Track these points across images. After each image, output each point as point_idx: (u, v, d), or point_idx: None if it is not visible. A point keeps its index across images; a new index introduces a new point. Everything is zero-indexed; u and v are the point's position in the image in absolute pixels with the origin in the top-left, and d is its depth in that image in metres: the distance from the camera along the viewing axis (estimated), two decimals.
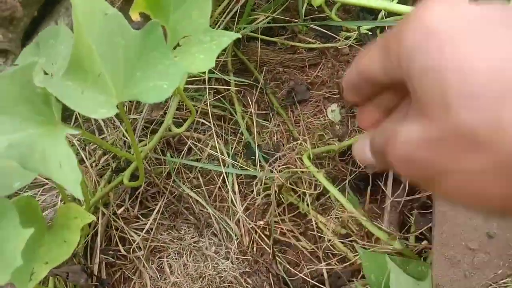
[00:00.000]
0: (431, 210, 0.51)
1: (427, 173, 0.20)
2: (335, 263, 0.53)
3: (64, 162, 0.32)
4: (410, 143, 0.21)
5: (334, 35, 0.66)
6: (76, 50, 0.34)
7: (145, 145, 0.57)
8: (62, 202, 0.58)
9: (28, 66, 0.32)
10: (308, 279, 0.51)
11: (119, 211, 0.56)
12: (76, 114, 0.62)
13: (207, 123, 0.61)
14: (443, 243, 0.40)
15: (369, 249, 0.46)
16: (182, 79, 0.36)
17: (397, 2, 0.48)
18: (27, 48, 0.46)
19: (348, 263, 0.51)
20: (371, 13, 0.68)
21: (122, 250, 0.55)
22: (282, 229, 0.57)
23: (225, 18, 0.66)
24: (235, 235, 0.56)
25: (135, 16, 0.39)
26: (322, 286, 0.49)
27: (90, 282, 0.54)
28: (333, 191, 0.50)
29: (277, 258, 0.53)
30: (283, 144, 0.61)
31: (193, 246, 0.56)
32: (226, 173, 0.58)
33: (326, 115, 0.64)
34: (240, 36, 0.39)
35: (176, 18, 0.40)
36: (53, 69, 0.43)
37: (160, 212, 0.58)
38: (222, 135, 0.62)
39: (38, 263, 0.40)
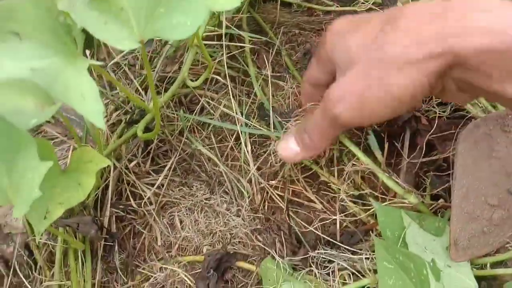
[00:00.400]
0: (447, 172, 0.50)
1: (361, 99, 0.35)
2: (347, 224, 0.53)
3: (87, 93, 0.32)
4: (345, 83, 0.36)
5: None
6: None
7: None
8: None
9: None
10: (320, 233, 0.50)
11: (130, 165, 0.56)
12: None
13: (221, 79, 0.60)
14: (463, 197, 0.40)
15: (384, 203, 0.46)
16: (206, 17, 0.35)
17: None
18: None
19: (357, 216, 0.51)
20: None
21: (134, 205, 0.55)
22: (294, 189, 0.56)
23: None
24: (247, 193, 0.55)
25: None
26: (336, 242, 0.49)
27: (100, 234, 0.53)
28: (349, 144, 0.50)
29: (290, 215, 0.53)
30: (297, 106, 0.61)
31: (205, 203, 0.56)
32: (239, 132, 0.58)
33: None
34: None
35: None
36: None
37: (172, 169, 0.58)
38: (236, 95, 0.61)
39: (52, 203, 0.39)
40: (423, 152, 0.52)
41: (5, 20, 0.30)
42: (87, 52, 0.58)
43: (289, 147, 0.45)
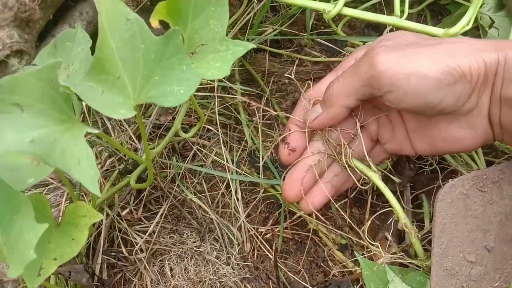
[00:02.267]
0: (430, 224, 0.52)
1: (409, 60, 0.38)
2: (335, 273, 0.54)
3: (83, 159, 0.34)
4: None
5: (339, 50, 0.68)
6: (100, 52, 0.36)
7: (152, 149, 0.58)
8: (67, 202, 0.59)
9: (53, 65, 0.34)
10: (308, 285, 0.52)
11: (123, 213, 0.57)
12: (85, 118, 0.63)
13: (213, 129, 0.62)
14: (442, 254, 0.42)
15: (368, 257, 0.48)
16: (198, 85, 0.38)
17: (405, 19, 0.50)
18: (44, 49, 0.47)
19: (343, 265, 0.52)
20: (376, 29, 0.70)
21: (125, 252, 0.56)
22: (283, 236, 0.58)
23: (234, 29, 0.67)
24: (237, 241, 0.57)
25: (155, 23, 0.41)
26: None
27: (92, 282, 0.54)
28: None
29: (278, 264, 0.54)
30: None
31: (195, 250, 0.57)
32: (230, 179, 0.59)
33: None
34: (255, 46, 0.40)
35: (194, 27, 0.41)
36: (69, 71, 0.44)
37: (164, 215, 0.59)
38: (227, 142, 0.63)
39: (46, 259, 0.40)
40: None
41: (9, 93, 0.32)
42: (83, 103, 0.60)
43: (314, 109, 0.46)
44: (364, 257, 0.48)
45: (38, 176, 0.39)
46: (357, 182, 0.48)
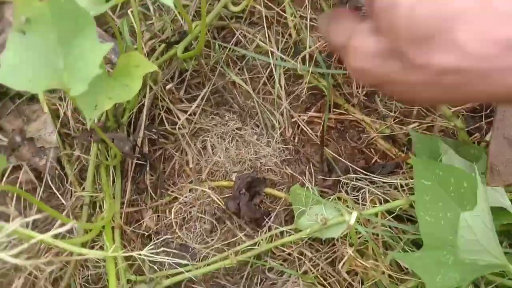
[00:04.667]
0: (479, 114, 0.51)
1: (378, 82, 0.27)
2: (377, 159, 0.54)
3: None
4: (367, 54, 0.26)
5: None
6: None
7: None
8: None
9: None
10: (350, 164, 0.51)
11: (166, 88, 0.56)
12: None
13: (255, 19, 0.60)
14: (503, 122, 0.41)
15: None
16: None
17: None
18: None
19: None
20: None
21: (168, 127, 0.56)
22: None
23: None
24: (278, 124, 0.56)
25: None
26: (365, 172, 0.50)
27: (133, 153, 0.54)
28: None
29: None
30: None
31: (236, 132, 0.57)
32: (274, 66, 0.58)
33: None
34: None
35: None
36: None
37: (205, 98, 0.58)
38: (272, 31, 0.61)
39: (101, 97, 0.40)
40: None
41: None
42: None
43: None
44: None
45: (97, 10, 0.38)
46: None
